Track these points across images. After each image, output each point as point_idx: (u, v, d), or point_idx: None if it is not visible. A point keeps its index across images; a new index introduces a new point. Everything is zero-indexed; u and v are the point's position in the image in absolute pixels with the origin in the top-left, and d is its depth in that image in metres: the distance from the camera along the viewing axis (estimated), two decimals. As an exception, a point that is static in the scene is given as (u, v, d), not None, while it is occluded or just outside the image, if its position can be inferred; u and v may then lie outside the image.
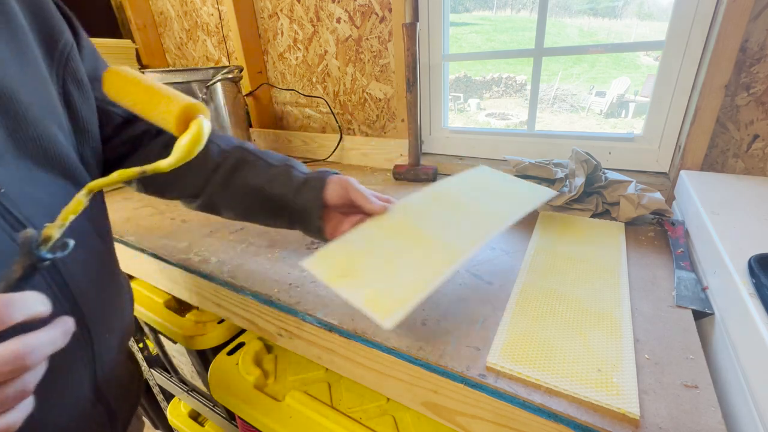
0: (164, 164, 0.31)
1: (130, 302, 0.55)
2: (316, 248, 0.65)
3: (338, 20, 1.06)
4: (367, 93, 1.10)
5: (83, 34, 0.46)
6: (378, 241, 0.46)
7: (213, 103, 0.96)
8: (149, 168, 0.30)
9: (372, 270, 0.42)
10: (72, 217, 0.28)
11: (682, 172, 0.68)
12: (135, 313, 0.90)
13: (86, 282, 0.41)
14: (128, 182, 0.55)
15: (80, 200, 0.28)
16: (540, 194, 0.60)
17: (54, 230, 0.27)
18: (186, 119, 0.32)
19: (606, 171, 0.73)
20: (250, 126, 1.32)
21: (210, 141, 0.53)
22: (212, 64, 1.43)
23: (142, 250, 0.71)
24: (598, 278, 0.52)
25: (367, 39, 1.03)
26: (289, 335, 0.56)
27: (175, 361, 1.00)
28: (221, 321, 0.79)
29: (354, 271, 0.42)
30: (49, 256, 0.26)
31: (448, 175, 0.98)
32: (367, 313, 0.37)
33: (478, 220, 0.52)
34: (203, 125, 0.32)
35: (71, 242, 0.27)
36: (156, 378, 1.14)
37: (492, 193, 0.59)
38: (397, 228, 0.49)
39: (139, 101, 0.34)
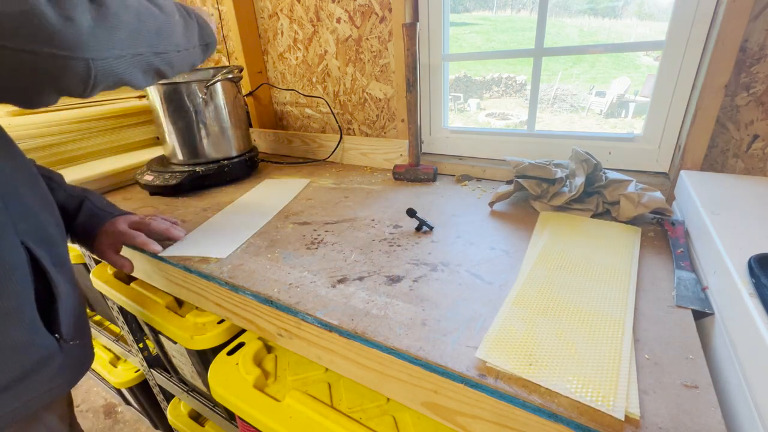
0: None
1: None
2: (316, 248, 0.65)
3: (338, 20, 1.06)
4: (367, 93, 1.10)
5: None
6: (534, 319, 0.45)
7: (213, 103, 0.96)
8: None
9: (555, 354, 0.40)
10: None
11: (682, 172, 0.68)
12: (135, 313, 0.90)
13: None
14: None
15: None
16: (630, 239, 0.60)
17: None
18: None
19: (606, 171, 0.73)
20: (250, 126, 1.32)
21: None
22: (212, 64, 1.43)
23: (142, 250, 0.71)
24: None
25: (367, 39, 1.03)
26: (289, 335, 0.56)
27: (175, 361, 1.01)
28: (221, 321, 0.79)
29: (538, 358, 0.39)
30: None
31: (448, 175, 0.99)
32: (592, 404, 0.35)
33: (601, 277, 0.52)
34: None
35: None
36: (156, 378, 1.14)
37: (586, 245, 0.60)
38: (543, 304, 0.48)
39: None
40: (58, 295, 0.50)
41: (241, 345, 0.75)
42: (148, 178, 0.95)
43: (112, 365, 1.35)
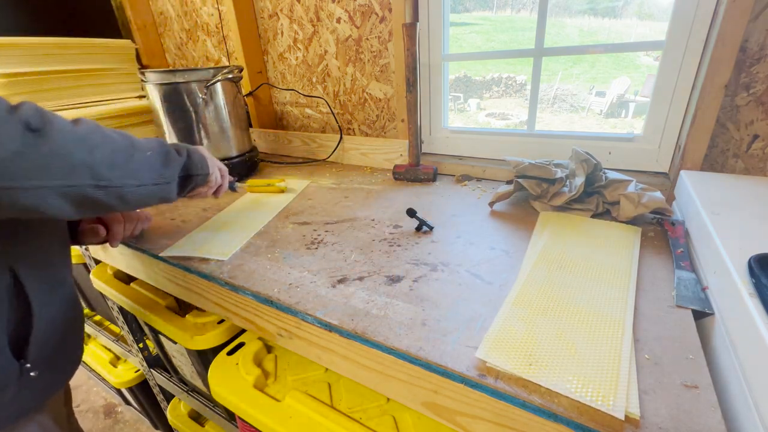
0: None
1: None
2: (316, 248, 0.65)
3: (338, 20, 1.06)
4: (367, 93, 1.10)
5: None
6: (534, 319, 0.45)
7: (213, 103, 0.96)
8: None
9: (555, 354, 0.40)
10: None
11: (682, 172, 0.68)
12: (135, 313, 0.90)
13: None
14: None
15: None
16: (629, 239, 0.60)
17: None
18: None
19: (606, 171, 0.73)
20: (250, 126, 1.32)
21: None
22: (212, 64, 1.43)
23: (143, 250, 0.71)
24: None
25: (367, 39, 1.03)
26: (289, 335, 0.56)
27: (175, 361, 1.00)
28: (221, 321, 0.79)
29: (538, 358, 0.39)
30: None
31: (448, 175, 0.99)
32: (592, 404, 0.35)
33: (601, 277, 0.52)
34: None
35: None
36: (156, 378, 1.14)
37: (586, 245, 0.59)
38: (543, 304, 0.48)
39: None
40: (34, 325, 0.49)
41: (241, 345, 0.75)
42: (148, 178, 0.95)
43: (112, 365, 1.35)
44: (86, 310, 1.44)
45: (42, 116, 0.38)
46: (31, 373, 0.50)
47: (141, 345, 1.11)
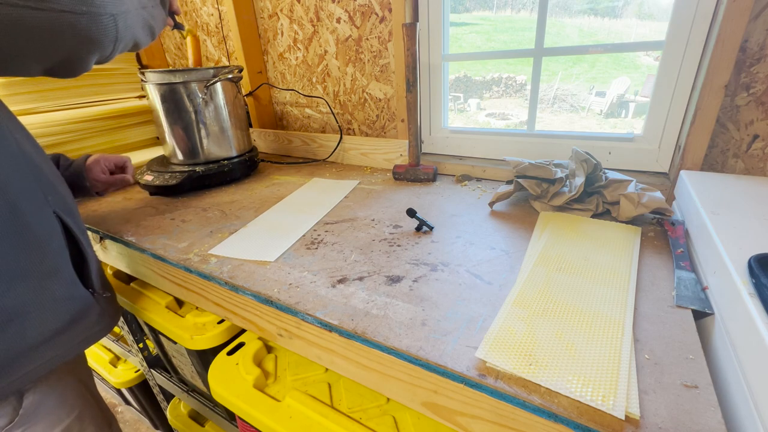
0: None
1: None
2: (316, 248, 0.65)
3: (338, 20, 1.06)
4: (367, 93, 1.10)
5: None
6: (534, 319, 0.45)
7: (213, 103, 0.96)
8: None
9: (555, 354, 0.40)
10: None
11: (682, 172, 0.68)
12: (135, 313, 0.90)
13: None
14: None
15: None
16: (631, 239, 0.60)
17: None
18: None
19: (606, 171, 0.73)
20: (250, 126, 1.32)
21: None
22: (212, 64, 1.43)
23: (142, 250, 0.71)
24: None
25: (367, 39, 1.03)
26: (289, 335, 0.56)
27: (175, 361, 1.01)
28: (221, 321, 0.79)
29: (538, 359, 0.39)
30: None
31: (448, 175, 0.99)
32: (592, 404, 0.35)
33: (601, 277, 0.52)
34: None
35: None
36: (156, 378, 1.14)
37: (586, 245, 0.59)
38: (543, 304, 0.48)
39: None
40: (88, 257, 0.58)
41: (241, 345, 0.75)
42: (148, 178, 0.95)
43: (112, 365, 1.35)
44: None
45: None
46: (104, 295, 0.61)
47: (141, 345, 1.11)
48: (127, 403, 1.55)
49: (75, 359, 0.62)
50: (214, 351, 0.76)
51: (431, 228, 0.69)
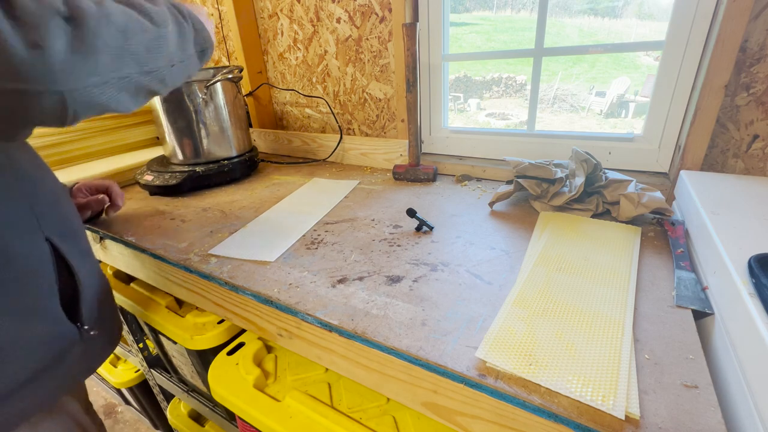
0: None
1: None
2: (316, 248, 0.65)
3: (338, 20, 1.06)
4: (367, 93, 1.10)
5: None
6: (534, 319, 0.45)
7: (213, 103, 0.96)
8: None
9: (555, 354, 0.40)
10: None
11: (682, 172, 0.68)
12: (135, 313, 0.90)
13: None
14: None
15: None
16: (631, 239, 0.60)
17: None
18: None
19: (606, 171, 0.73)
20: (250, 126, 1.31)
21: None
22: (212, 64, 1.43)
23: (142, 250, 0.71)
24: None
25: (367, 39, 1.03)
26: (289, 335, 0.56)
27: (175, 361, 1.01)
28: (221, 321, 0.79)
29: (538, 359, 0.39)
30: None
31: (448, 175, 0.99)
32: (592, 404, 0.35)
33: (601, 277, 0.52)
34: None
35: None
36: (156, 378, 1.14)
37: (586, 245, 0.59)
38: (543, 304, 0.48)
39: None
40: (80, 286, 0.53)
41: (241, 345, 0.75)
42: (148, 178, 0.95)
43: (112, 365, 1.36)
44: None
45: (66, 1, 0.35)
46: (91, 332, 0.55)
47: (141, 345, 1.11)
48: (127, 403, 1.55)
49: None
50: (214, 351, 0.76)
51: (431, 228, 0.69)
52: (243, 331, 0.80)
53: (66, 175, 0.71)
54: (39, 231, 0.48)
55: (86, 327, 0.54)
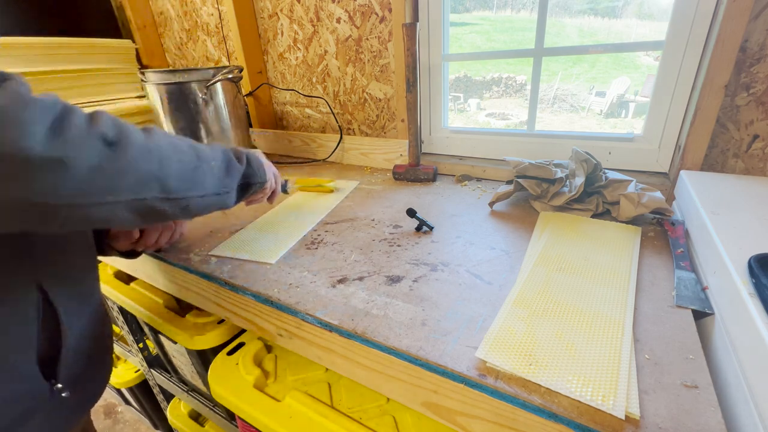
0: None
1: None
2: (316, 248, 0.65)
3: (338, 20, 1.06)
4: (367, 93, 1.10)
5: None
6: (534, 319, 0.45)
7: (213, 103, 0.96)
8: None
9: (555, 354, 0.40)
10: None
11: (682, 172, 0.68)
12: (135, 313, 0.90)
13: None
14: None
15: None
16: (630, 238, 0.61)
17: None
18: None
19: (606, 171, 0.73)
20: (250, 126, 1.31)
21: None
22: (212, 64, 1.43)
23: (142, 250, 0.71)
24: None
25: (367, 39, 1.03)
26: (289, 335, 0.56)
27: (175, 361, 1.00)
28: (221, 321, 0.79)
29: (538, 358, 0.39)
30: None
31: (448, 175, 0.99)
32: (592, 404, 0.35)
33: (601, 277, 0.52)
34: None
35: None
36: (156, 378, 1.14)
37: (586, 245, 0.59)
38: (543, 304, 0.48)
39: None
40: (64, 342, 0.48)
41: (241, 345, 0.75)
42: (148, 178, 0.95)
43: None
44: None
45: (118, 129, 0.36)
46: (63, 394, 0.48)
47: (141, 345, 1.11)
48: (127, 403, 1.55)
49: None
50: (214, 351, 0.76)
51: (431, 228, 0.69)
52: (243, 331, 0.80)
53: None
54: (30, 274, 0.43)
55: (59, 386, 0.47)
